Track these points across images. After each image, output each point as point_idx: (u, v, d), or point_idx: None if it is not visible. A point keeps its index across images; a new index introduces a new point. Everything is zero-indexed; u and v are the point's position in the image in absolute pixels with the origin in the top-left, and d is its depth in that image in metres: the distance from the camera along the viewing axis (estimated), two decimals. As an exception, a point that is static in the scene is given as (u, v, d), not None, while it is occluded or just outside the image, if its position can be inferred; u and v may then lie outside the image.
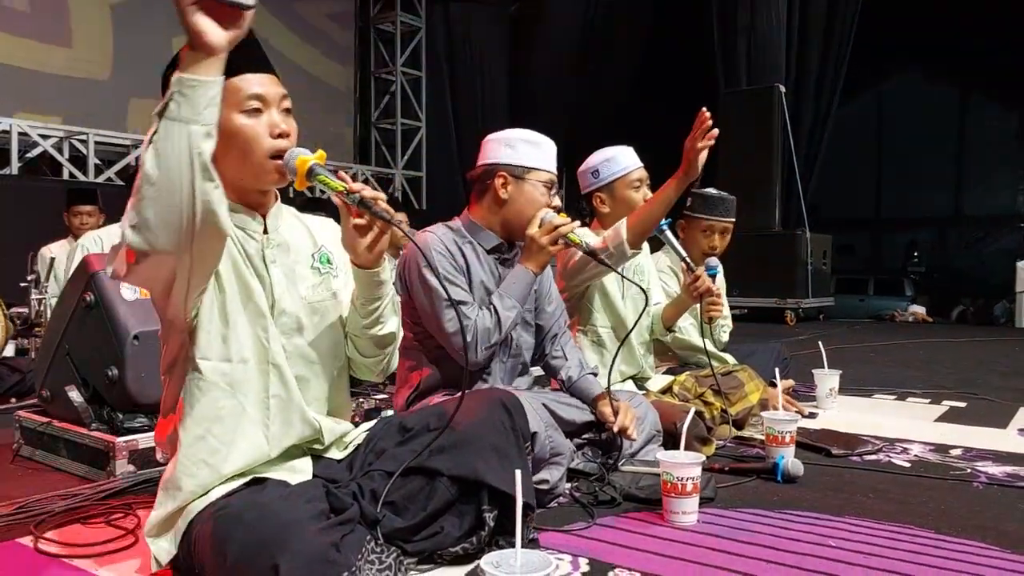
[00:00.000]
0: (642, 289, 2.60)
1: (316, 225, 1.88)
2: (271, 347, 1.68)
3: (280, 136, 1.62)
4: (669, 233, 3.14)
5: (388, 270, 1.73)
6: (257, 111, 1.62)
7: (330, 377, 1.81)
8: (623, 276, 2.82)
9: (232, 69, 1.57)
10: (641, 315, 2.94)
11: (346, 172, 1.61)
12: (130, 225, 1.33)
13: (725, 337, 3.65)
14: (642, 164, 3.09)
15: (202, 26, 1.27)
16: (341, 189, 1.57)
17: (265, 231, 1.73)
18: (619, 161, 3.05)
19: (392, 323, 1.81)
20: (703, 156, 2.62)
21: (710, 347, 3.32)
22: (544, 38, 13.31)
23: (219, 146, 1.56)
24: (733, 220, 3.54)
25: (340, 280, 1.84)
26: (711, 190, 3.60)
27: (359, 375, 1.90)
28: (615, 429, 2.41)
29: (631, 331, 2.93)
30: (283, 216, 1.79)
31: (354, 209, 1.60)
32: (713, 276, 3.16)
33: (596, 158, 3.09)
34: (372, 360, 1.85)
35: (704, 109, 2.58)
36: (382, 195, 1.60)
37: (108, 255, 1.42)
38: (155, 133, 1.31)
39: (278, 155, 1.62)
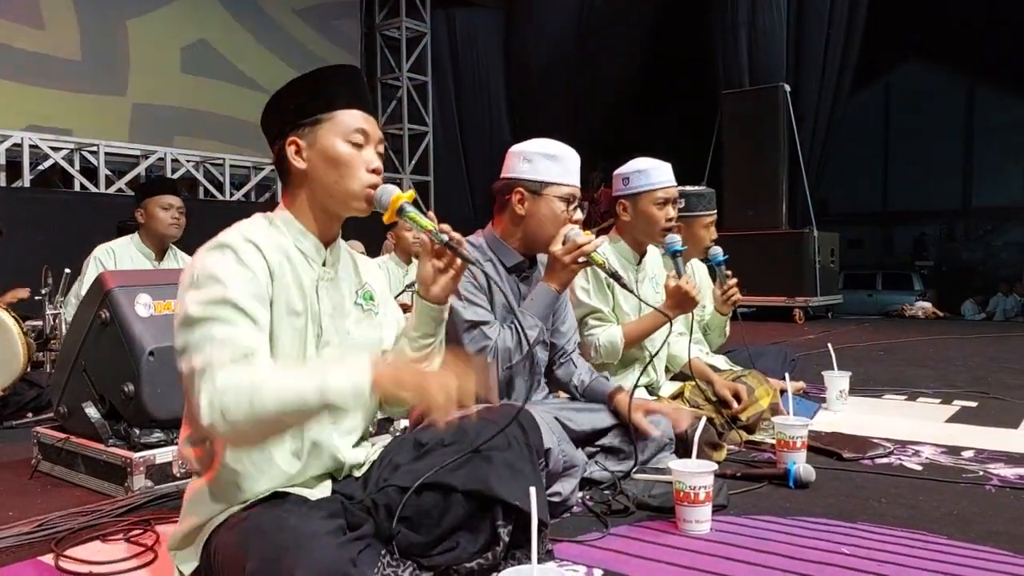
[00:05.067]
0: (664, 314, 2.63)
1: (362, 262, 1.94)
2: None
3: (374, 172, 1.73)
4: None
5: (448, 310, 1.85)
6: (360, 145, 1.71)
7: (366, 410, 1.84)
8: (641, 299, 2.83)
9: (343, 102, 1.71)
10: (663, 344, 2.94)
11: None
12: (221, 432, 1.47)
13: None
14: (674, 183, 3.09)
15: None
16: (431, 228, 1.70)
17: (323, 263, 1.77)
18: (649, 175, 3.06)
19: (436, 363, 1.86)
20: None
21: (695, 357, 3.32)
22: (543, 39, 13.23)
23: (319, 168, 1.70)
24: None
25: (380, 318, 1.89)
26: (700, 187, 3.80)
27: (390, 413, 1.95)
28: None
29: (652, 358, 2.99)
30: (339, 250, 1.84)
31: (437, 247, 1.74)
32: (725, 262, 3.47)
33: (631, 166, 3.11)
34: None
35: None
36: (463, 239, 1.73)
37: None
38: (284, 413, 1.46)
39: (370, 188, 1.72)
